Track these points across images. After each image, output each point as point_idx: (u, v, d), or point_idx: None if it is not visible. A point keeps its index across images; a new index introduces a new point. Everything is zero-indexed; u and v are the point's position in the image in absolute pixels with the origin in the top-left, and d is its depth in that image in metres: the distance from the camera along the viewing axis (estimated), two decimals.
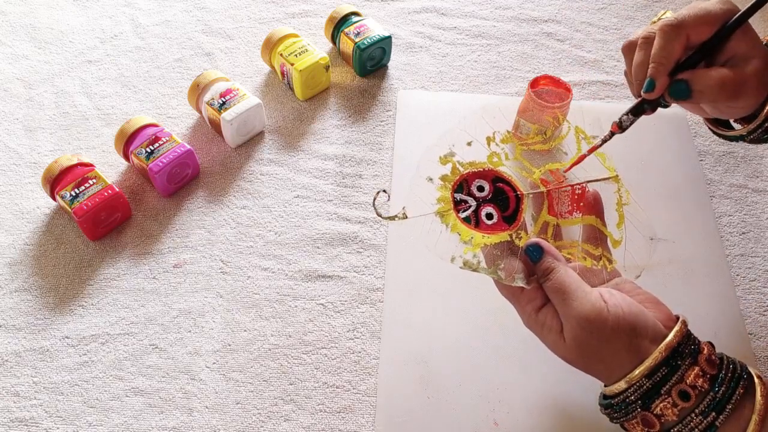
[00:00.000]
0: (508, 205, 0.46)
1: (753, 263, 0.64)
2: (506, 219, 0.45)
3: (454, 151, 0.46)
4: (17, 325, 0.59)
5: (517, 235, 0.44)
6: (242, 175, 0.70)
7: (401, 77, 0.80)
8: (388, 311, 0.60)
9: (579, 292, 0.41)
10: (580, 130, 0.49)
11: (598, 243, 0.46)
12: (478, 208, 0.45)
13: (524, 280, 0.43)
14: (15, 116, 0.75)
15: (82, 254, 0.64)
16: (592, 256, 0.46)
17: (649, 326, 0.40)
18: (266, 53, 0.78)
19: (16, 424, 0.54)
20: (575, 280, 0.42)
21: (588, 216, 0.47)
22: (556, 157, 0.49)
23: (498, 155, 0.47)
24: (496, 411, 0.54)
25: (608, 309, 0.40)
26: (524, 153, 0.48)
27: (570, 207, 0.47)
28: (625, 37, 0.85)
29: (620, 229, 0.47)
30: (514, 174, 0.47)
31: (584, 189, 0.47)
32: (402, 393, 0.55)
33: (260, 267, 0.63)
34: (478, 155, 0.47)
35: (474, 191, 0.46)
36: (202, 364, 0.57)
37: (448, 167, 0.46)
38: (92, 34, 0.84)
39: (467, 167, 0.46)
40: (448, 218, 0.44)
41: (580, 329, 0.40)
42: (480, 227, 0.44)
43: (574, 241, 0.47)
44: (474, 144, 0.47)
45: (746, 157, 0.73)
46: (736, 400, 0.38)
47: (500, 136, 0.48)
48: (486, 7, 0.89)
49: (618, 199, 0.47)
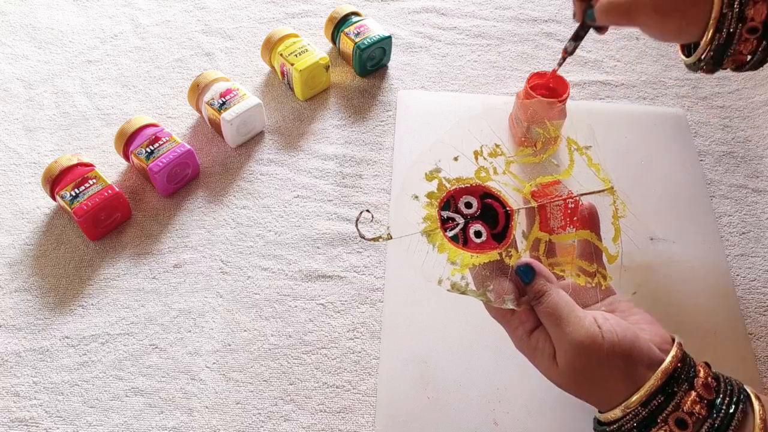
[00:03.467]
0: (497, 221, 0.44)
1: (753, 263, 0.64)
2: (496, 237, 0.43)
3: (440, 166, 0.44)
4: (17, 325, 0.59)
5: (507, 253, 0.43)
6: (242, 175, 0.70)
7: (401, 77, 0.80)
8: (388, 311, 0.60)
9: (572, 316, 0.40)
10: (572, 141, 0.47)
11: (593, 259, 0.45)
12: (466, 225, 0.43)
13: (514, 302, 0.41)
14: (15, 116, 0.75)
15: (82, 254, 0.64)
16: (587, 273, 0.44)
17: (644, 352, 0.39)
18: (266, 53, 0.78)
19: (16, 424, 0.54)
20: (568, 303, 0.41)
21: (582, 231, 0.45)
22: (547, 169, 0.47)
23: (486, 170, 0.45)
24: (496, 411, 0.54)
25: (603, 335, 0.39)
26: (513, 167, 0.46)
27: (563, 222, 0.45)
28: (625, 37, 0.86)
29: (616, 243, 0.45)
30: (504, 189, 0.45)
31: (577, 202, 0.45)
32: (402, 393, 0.55)
33: (260, 267, 0.63)
34: (465, 170, 0.45)
35: (461, 208, 0.44)
36: (202, 364, 0.57)
37: (434, 184, 0.44)
38: (92, 34, 0.84)
39: (454, 183, 0.44)
40: (435, 237, 0.42)
41: (575, 355, 0.39)
42: (468, 246, 0.42)
43: (567, 257, 0.45)
44: (461, 159, 0.45)
45: (746, 157, 0.73)
46: (735, 426, 0.37)
47: (488, 150, 0.45)
48: (486, 7, 0.89)
49: (614, 212, 0.45)
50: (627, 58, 0.83)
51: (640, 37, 0.86)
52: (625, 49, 0.84)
